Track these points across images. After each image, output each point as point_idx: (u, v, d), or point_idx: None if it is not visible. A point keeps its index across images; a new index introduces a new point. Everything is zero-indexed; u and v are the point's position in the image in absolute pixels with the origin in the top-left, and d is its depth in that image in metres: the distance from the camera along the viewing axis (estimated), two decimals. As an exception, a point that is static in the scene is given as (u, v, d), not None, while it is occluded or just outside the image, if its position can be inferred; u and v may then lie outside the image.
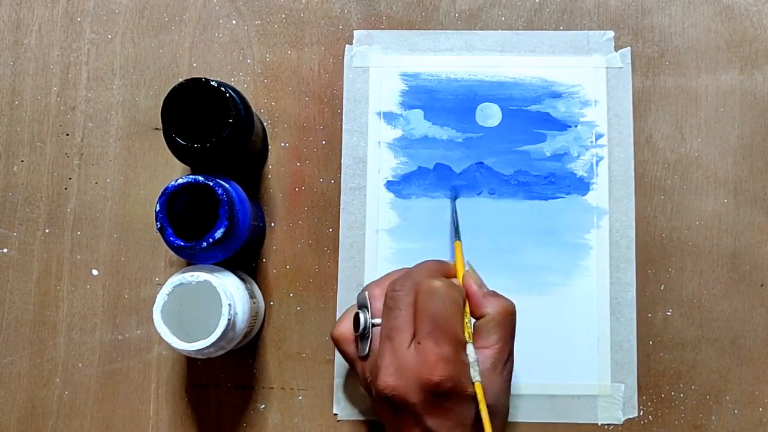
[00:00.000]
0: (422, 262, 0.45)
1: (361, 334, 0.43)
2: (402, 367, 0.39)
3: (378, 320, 0.43)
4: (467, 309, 0.42)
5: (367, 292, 0.44)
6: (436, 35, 0.53)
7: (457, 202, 0.51)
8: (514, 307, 0.43)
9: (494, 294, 0.43)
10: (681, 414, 0.49)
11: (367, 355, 0.43)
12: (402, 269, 0.45)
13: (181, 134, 0.44)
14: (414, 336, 0.40)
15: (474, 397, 0.39)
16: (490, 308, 0.42)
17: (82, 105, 0.53)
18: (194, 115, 0.45)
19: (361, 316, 0.43)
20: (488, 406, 0.39)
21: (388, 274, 0.46)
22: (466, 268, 0.45)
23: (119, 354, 0.51)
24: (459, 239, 0.48)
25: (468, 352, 0.40)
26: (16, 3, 0.54)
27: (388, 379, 0.40)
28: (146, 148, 0.52)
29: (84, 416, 0.50)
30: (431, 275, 0.42)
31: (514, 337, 0.43)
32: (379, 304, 0.43)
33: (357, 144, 0.52)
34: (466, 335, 0.41)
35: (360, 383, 0.44)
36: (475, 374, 0.39)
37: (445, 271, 0.44)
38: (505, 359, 0.42)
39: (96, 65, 0.53)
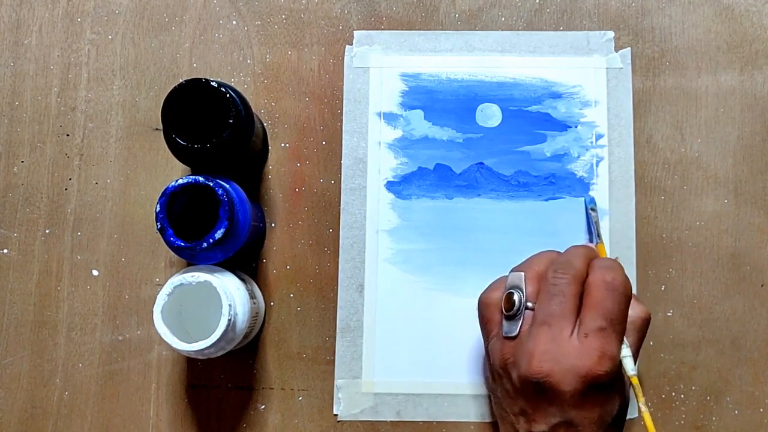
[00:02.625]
0: (575, 248, 0.45)
1: (513, 315, 0.42)
2: (560, 355, 0.39)
3: (532, 303, 0.42)
4: None
5: (523, 273, 0.44)
6: (436, 36, 0.53)
7: (458, 201, 0.51)
8: (650, 315, 0.44)
9: (636, 298, 0.44)
10: (681, 414, 0.49)
11: (515, 336, 0.42)
12: (549, 252, 0.45)
13: (182, 134, 0.44)
14: (576, 326, 0.40)
15: (620, 395, 0.40)
16: (633, 312, 0.43)
17: (82, 105, 0.53)
18: (194, 116, 0.45)
19: (516, 296, 0.42)
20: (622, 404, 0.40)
21: (536, 256, 0.45)
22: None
23: (119, 354, 0.51)
24: (601, 241, 0.49)
25: (624, 345, 0.41)
26: (16, 3, 0.54)
27: (544, 364, 0.39)
28: (146, 148, 0.52)
29: (84, 416, 0.50)
30: (604, 263, 0.43)
31: (642, 343, 0.43)
32: (531, 288, 0.43)
33: (357, 144, 0.52)
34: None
35: (493, 359, 0.43)
36: (630, 368, 0.40)
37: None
38: (635, 363, 0.43)
39: (96, 66, 0.53)
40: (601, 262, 0.43)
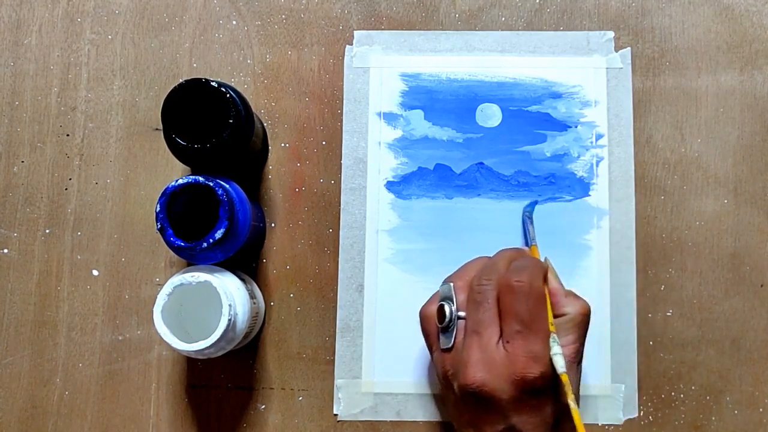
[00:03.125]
0: (502, 251, 0.44)
1: (445, 327, 0.42)
2: (491, 363, 0.39)
3: (463, 313, 0.42)
4: (548, 298, 0.42)
5: (451, 284, 0.44)
6: (436, 36, 0.53)
7: (458, 201, 0.51)
8: (590, 308, 0.43)
9: (573, 293, 0.44)
10: (681, 414, 0.49)
11: (451, 348, 0.42)
12: (481, 258, 0.45)
13: (182, 134, 0.44)
14: (501, 332, 0.40)
15: (559, 395, 0.39)
16: (570, 308, 0.42)
17: (82, 105, 0.53)
18: (194, 116, 0.45)
19: (446, 308, 0.42)
20: (566, 405, 0.39)
21: (468, 264, 0.45)
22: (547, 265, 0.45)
23: (119, 354, 0.51)
24: (535, 244, 0.49)
25: (552, 343, 0.40)
26: (16, 3, 0.54)
27: (477, 374, 0.39)
28: (146, 148, 0.52)
29: (84, 416, 0.50)
30: (516, 266, 0.42)
31: (585, 338, 0.43)
32: (463, 297, 0.43)
33: (357, 144, 0.52)
34: (550, 325, 0.41)
35: (437, 373, 0.43)
36: (560, 366, 0.39)
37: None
38: (580, 359, 0.42)
39: (96, 66, 0.53)
40: (514, 264, 0.42)
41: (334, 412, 0.50)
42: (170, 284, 0.44)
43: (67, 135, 0.53)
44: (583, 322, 0.42)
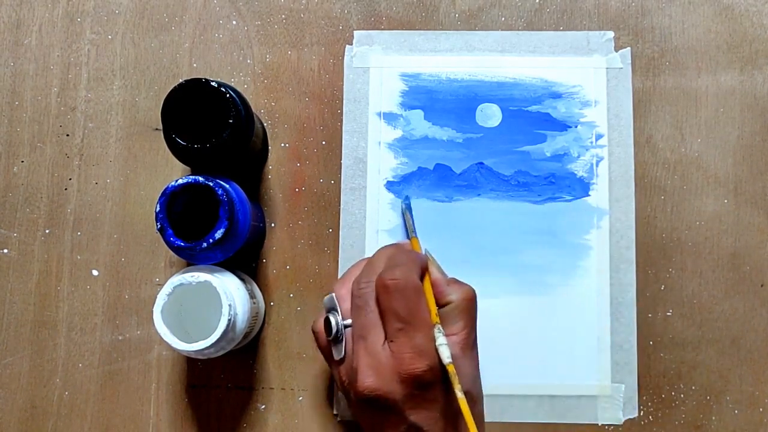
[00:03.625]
0: (380, 250, 0.44)
1: (334, 338, 0.42)
2: (379, 366, 0.39)
3: (349, 321, 0.42)
4: (429, 289, 0.42)
5: (333, 294, 0.43)
6: (436, 36, 0.53)
7: (458, 202, 0.51)
8: (475, 292, 0.43)
9: (455, 281, 0.43)
10: (681, 414, 0.49)
11: (343, 359, 0.42)
12: (362, 260, 0.45)
13: (181, 134, 0.44)
14: (385, 333, 0.40)
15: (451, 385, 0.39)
16: (454, 295, 0.42)
17: (82, 105, 0.53)
18: (194, 116, 0.45)
19: (332, 319, 0.42)
20: (466, 393, 0.38)
21: (349, 270, 0.45)
22: (424, 254, 0.44)
23: (119, 354, 0.51)
24: (416, 236, 0.48)
25: (437, 334, 0.39)
26: (16, 3, 0.54)
27: (367, 380, 0.39)
28: (146, 148, 0.52)
29: (84, 416, 0.50)
30: (391, 263, 0.42)
31: (476, 322, 0.42)
32: (347, 305, 0.42)
33: (357, 144, 0.52)
34: (433, 316, 0.40)
35: (337, 386, 0.43)
36: (446, 356, 0.38)
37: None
38: (473, 344, 0.42)
39: (96, 66, 0.53)
40: (388, 262, 0.42)
41: (334, 412, 0.50)
42: (170, 284, 0.44)
43: (67, 135, 0.53)
44: (468, 308, 0.42)
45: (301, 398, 0.50)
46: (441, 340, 0.39)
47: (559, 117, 0.52)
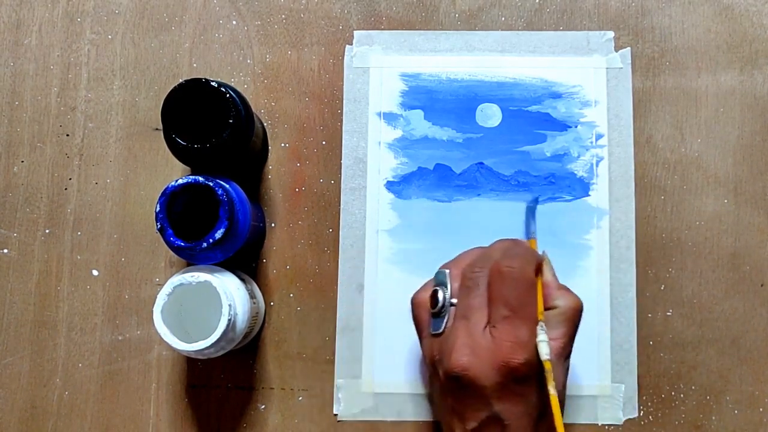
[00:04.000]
0: (499, 241, 0.44)
1: (438, 312, 0.42)
2: (477, 348, 0.39)
3: (455, 300, 0.42)
4: (540, 288, 0.42)
5: (447, 270, 0.44)
6: (436, 36, 0.53)
7: (458, 202, 0.51)
8: (582, 304, 0.43)
9: (566, 288, 0.43)
10: (681, 414, 0.49)
11: (440, 333, 0.42)
12: (478, 248, 0.45)
13: (181, 134, 0.44)
14: (489, 318, 0.40)
15: (544, 385, 0.39)
16: (561, 301, 0.42)
17: (82, 105, 0.53)
18: (194, 116, 0.45)
19: (440, 293, 0.42)
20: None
21: (465, 253, 0.45)
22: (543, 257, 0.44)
23: (119, 354, 0.51)
24: (535, 238, 0.49)
25: (540, 330, 0.39)
26: (16, 3, 0.54)
27: (462, 358, 0.39)
28: (146, 148, 0.52)
29: (84, 416, 0.50)
30: (509, 253, 0.42)
31: (576, 334, 0.42)
32: (457, 284, 0.43)
33: (357, 144, 0.52)
34: (539, 314, 0.40)
35: (425, 360, 0.43)
36: (545, 353, 0.38)
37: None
38: (568, 354, 0.42)
39: (96, 66, 0.53)
40: (508, 252, 0.42)
41: (334, 412, 0.50)
42: (170, 284, 0.44)
43: (67, 135, 0.53)
44: (573, 317, 0.42)
45: (301, 398, 0.50)
46: (542, 336, 0.39)
47: (559, 117, 0.52)
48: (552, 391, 0.38)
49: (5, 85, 0.53)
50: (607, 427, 0.49)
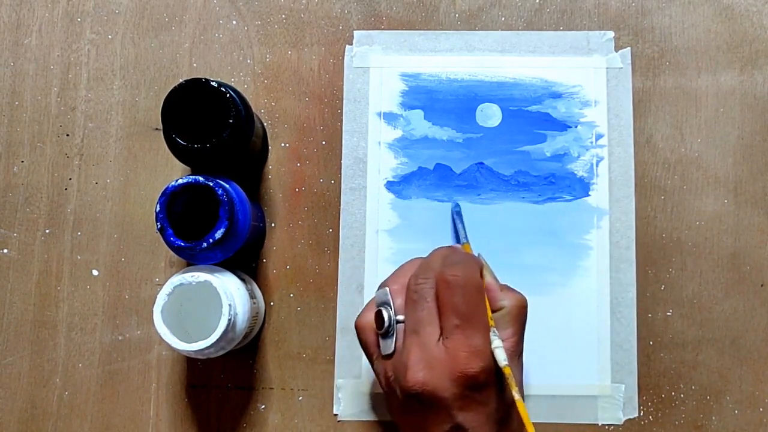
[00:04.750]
0: (436, 250, 0.44)
1: (385, 332, 0.42)
2: (432, 362, 0.39)
3: (402, 316, 0.41)
4: (484, 293, 0.42)
5: (387, 288, 0.43)
6: (436, 36, 0.53)
7: (458, 201, 0.51)
8: (527, 301, 0.43)
9: (508, 287, 0.43)
10: (681, 414, 0.49)
11: (391, 354, 0.41)
12: (415, 259, 0.45)
13: (181, 134, 0.44)
14: (441, 329, 0.40)
15: (504, 389, 0.39)
16: (506, 302, 0.42)
17: (82, 105, 0.53)
18: (194, 116, 0.45)
19: (385, 313, 0.41)
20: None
21: (401, 267, 0.45)
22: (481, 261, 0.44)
23: (119, 354, 0.51)
24: (468, 241, 0.48)
25: (493, 337, 0.39)
26: (16, 3, 0.54)
27: (418, 374, 0.38)
28: (146, 148, 0.53)
29: (84, 416, 0.50)
30: (451, 260, 0.42)
31: (524, 331, 0.42)
32: (400, 300, 0.42)
33: (357, 144, 0.52)
34: (489, 319, 0.40)
35: (380, 381, 0.43)
36: (503, 359, 0.38)
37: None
38: (520, 353, 0.42)
39: (96, 65, 0.53)
40: (448, 260, 0.42)
41: (334, 412, 0.50)
42: (170, 284, 0.44)
43: (67, 135, 0.53)
44: (520, 315, 0.42)
45: (301, 398, 0.50)
46: (497, 342, 0.39)
47: (559, 117, 0.52)
48: (517, 397, 0.37)
49: (5, 85, 0.53)
50: (607, 427, 0.49)
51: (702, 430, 0.49)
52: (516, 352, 0.41)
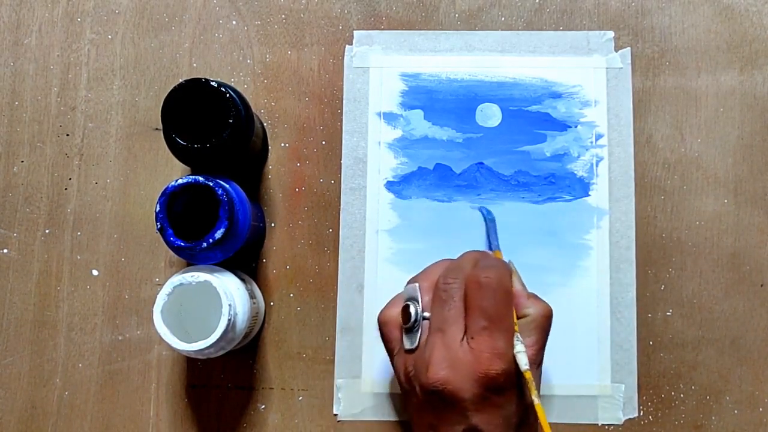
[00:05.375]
0: (467, 253, 0.44)
1: (410, 327, 0.42)
2: (455, 361, 0.39)
3: (428, 313, 0.42)
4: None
5: (417, 284, 0.43)
6: (436, 35, 0.53)
7: (458, 202, 0.51)
8: (552, 311, 0.43)
9: (535, 296, 0.43)
10: (681, 414, 0.49)
11: (415, 349, 0.41)
12: (445, 260, 0.45)
13: (181, 134, 0.44)
14: (466, 330, 0.40)
15: (522, 395, 0.39)
16: (532, 309, 0.42)
17: (82, 105, 0.53)
18: (194, 116, 0.45)
19: (412, 308, 0.42)
20: (528, 406, 0.38)
21: (433, 266, 0.45)
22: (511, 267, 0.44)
23: (119, 354, 0.51)
24: (499, 248, 0.49)
25: (516, 341, 0.39)
26: (16, 3, 0.54)
27: (440, 372, 0.39)
28: (146, 148, 0.53)
29: (84, 416, 0.50)
30: (483, 264, 0.42)
31: (547, 341, 0.43)
32: (427, 298, 0.42)
33: (357, 144, 0.52)
34: (514, 325, 0.40)
35: (398, 375, 0.43)
36: (524, 363, 0.38)
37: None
38: (540, 361, 0.42)
39: (96, 65, 0.53)
40: (482, 263, 0.42)
41: (334, 412, 0.50)
42: (170, 284, 0.44)
43: (67, 135, 0.53)
44: (544, 324, 0.42)
45: (301, 398, 0.50)
46: (519, 347, 0.39)
47: (559, 117, 0.52)
48: (537, 400, 0.38)
49: (5, 85, 0.53)
50: (607, 427, 0.49)
51: (702, 430, 0.49)
52: (536, 361, 0.41)
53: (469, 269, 0.42)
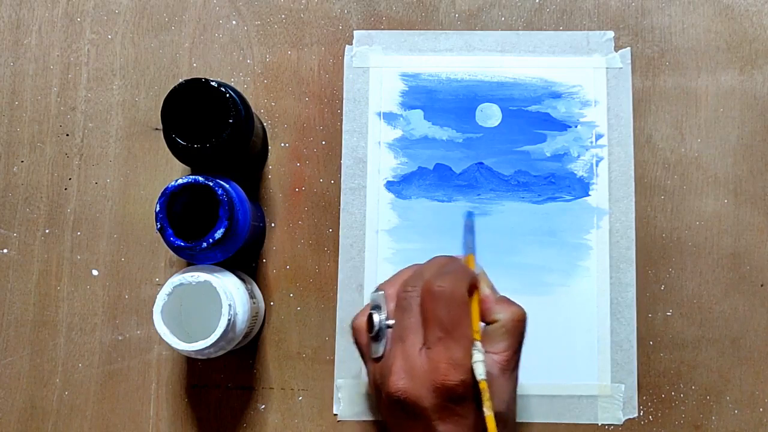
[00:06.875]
0: (433, 259, 0.43)
1: (375, 336, 0.41)
2: (414, 371, 0.39)
3: (392, 321, 0.41)
4: (476, 305, 0.41)
5: (382, 292, 0.43)
6: (436, 35, 0.53)
7: (458, 202, 0.51)
8: (525, 314, 0.42)
9: (505, 300, 0.43)
10: (681, 414, 0.49)
11: (381, 357, 0.41)
12: (414, 265, 0.44)
13: (181, 134, 0.44)
14: (425, 339, 0.39)
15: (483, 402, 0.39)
16: (502, 314, 0.41)
17: (82, 105, 0.53)
18: (194, 116, 0.45)
19: (375, 316, 0.41)
20: (498, 414, 0.38)
21: (401, 271, 0.44)
22: (478, 271, 0.44)
23: (119, 354, 0.51)
24: (473, 253, 0.48)
25: (474, 351, 0.39)
26: (16, 3, 0.54)
27: (399, 382, 0.39)
28: (146, 148, 0.53)
29: (84, 416, 0.50)
30: (441, 271, 0.41)
31: (522, 345, 0.42)
32: (393, 305, 0.42)
33: (357, 144, 0.52)
34: (474, 333, 0.40)
35: (369, 384, 0.43)
36: (480, 373, 0.38)
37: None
38: (513, 367, 0.41)
39: (96, 65, 0.53)
40: (443, 269, 0.41)
41: (334, 412, 0.50)
42: (170, 284, 0.44)
43: (67, 135, 0.53)
44: (515, 329, 0.41)
45: (301, 398, 0.50)
46: (477, 356, 0.38)
47: (558, 117, 0.52)
48: (487, 412, 0.37)
49: (5, 85, 0.53)
50: (607, 427, 0.49)
51: (702, 429, 0.49)
52: (508, 367, 0.40)
53: (428, 277, 0.41)
